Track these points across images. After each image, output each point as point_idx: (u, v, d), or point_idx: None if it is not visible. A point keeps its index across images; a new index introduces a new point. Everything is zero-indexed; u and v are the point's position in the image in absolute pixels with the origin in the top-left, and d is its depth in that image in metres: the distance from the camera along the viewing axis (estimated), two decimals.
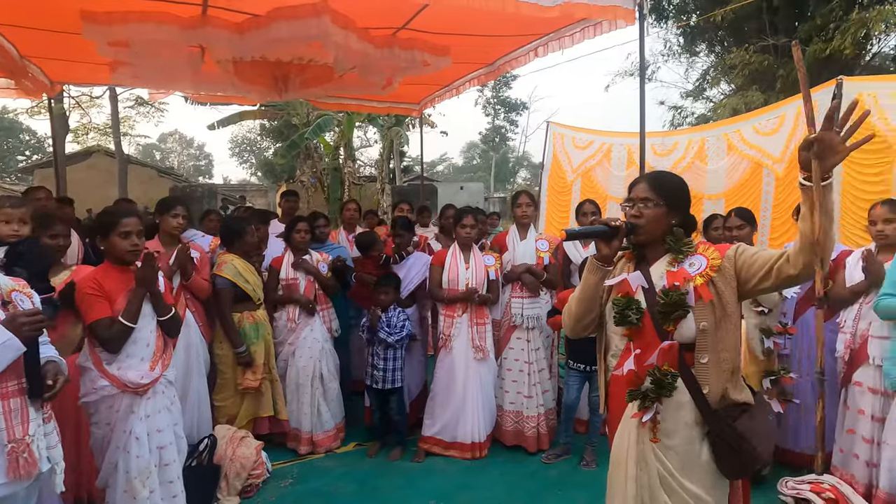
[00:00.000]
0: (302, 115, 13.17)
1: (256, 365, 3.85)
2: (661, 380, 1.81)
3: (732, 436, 1.77)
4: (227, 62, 4.06)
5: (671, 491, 1.83)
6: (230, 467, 3.43)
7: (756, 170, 8.98)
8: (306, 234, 4.26)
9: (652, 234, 1.94)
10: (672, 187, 1.96)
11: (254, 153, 43.93)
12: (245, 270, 3.88)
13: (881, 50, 13.77)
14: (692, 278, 1.84)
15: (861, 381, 3.25)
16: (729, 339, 1.84)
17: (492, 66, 5.55)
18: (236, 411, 3.89)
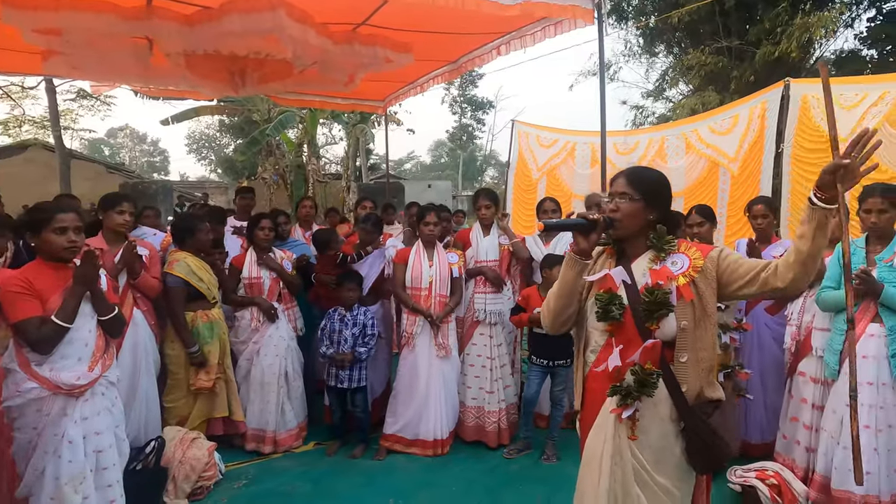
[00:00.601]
0: (263, 111, 12.93)
1: (210, 365, 3.78)
2: (645, 379, 1.83)
3: (707, 432, 1.81)
4: (178, 55, 3.94)
5: (643, 484, 1.87)
6: (179, 470, 3.35)
7: (713, 168, 9.24)
8: (270, 232, 4.21)
9: (629, 228, 1.94)
10: (650, 182, 1.97)
11: (213, 150, 42.69)
12: (198, 268, 3.81)
13: (823, 54, 14.33)
14: (675, 277, 1.86)
15: (805, 372, 3.41)
16: (707, 339, 1.87)
17: (455, 64, 5.57)
18: (188, 412, 3.81)
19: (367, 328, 4.08)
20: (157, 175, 48.47)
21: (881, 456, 2.91)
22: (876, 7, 13.87)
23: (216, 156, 40.08)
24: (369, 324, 4.09)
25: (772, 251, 3.90)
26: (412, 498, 3.48)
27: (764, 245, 3.96)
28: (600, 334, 1.98)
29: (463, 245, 4.44)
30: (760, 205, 4.02)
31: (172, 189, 14.73)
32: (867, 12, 13.97)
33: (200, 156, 44.91)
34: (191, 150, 44.97)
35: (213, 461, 3.56)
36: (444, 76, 5.90)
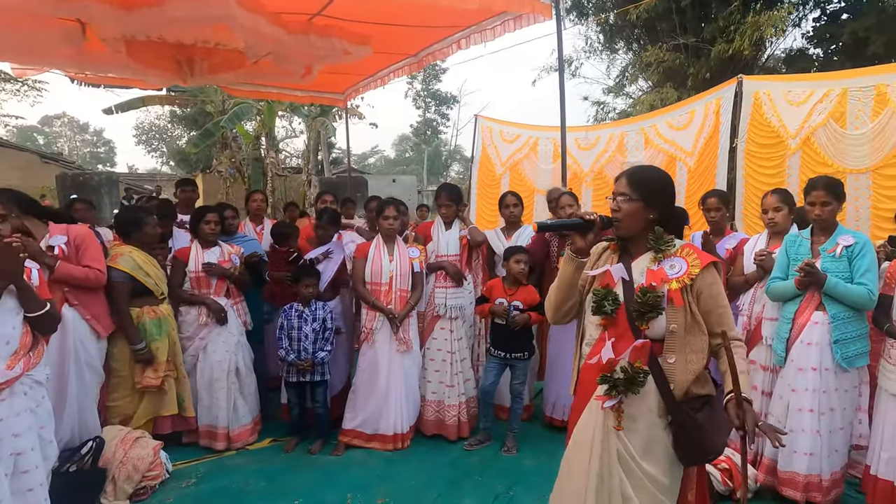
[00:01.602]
0: (216, 102, 12.53)
1: (159, 362, 3.67)
2: (633, 377, 1.88)
3: (693, 426, 1.85)
4: (117, 41, 3.75)
5: (629, 471, 1.92)
6: (120, 470, 3.25)
7: (670, 163, 9.44)
8: (216, 226, 4.09)
9: (630, 228, 1.99)
10: (650, 183, 1.99)
11: (164, 141, 41.29)
12: (145, 263, 3.68)
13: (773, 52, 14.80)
14: (669, 281, 1.90)
15: (755, 360, 3.51)
16: (698, 343, 1.90)
17: (416, 57, 5.53)
18: (132, 411, 3.69)
19: (327, 322, 4.02)
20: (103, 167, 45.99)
21: (823, 438, 3.04)
22: (820, 8, 14.37)
23: (168, 148, 38.73)
24: (328, 318, 4.04)
25: (725, 244, 4.01)
26: (371, 492, 3.45)
27: (718, 237, 4.06)
28: (595, 328, 2.04)
29: (424, 239, 4.42)
30: (713, 198, 4.12)
31: (119, 181, 14.06)
32: (813, 12, 14.47)
33: (151, 147, 43.27)
34: (140, 142, 43.15)
35: (159, 460, 3.45)
36: (405, 69, 5.86)
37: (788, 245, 3.30)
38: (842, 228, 3.16)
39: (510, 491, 3.46)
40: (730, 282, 3.87)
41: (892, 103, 6.99)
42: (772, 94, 8.12)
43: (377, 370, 4.01)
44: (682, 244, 1.99)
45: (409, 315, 4.09)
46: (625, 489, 1.91)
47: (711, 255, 1.99)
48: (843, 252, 3.04)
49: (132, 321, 3.62)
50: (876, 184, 7.22)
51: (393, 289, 4.02)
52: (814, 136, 7.67)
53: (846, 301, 2.99)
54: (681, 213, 2.61)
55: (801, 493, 3.07)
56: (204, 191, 14.39)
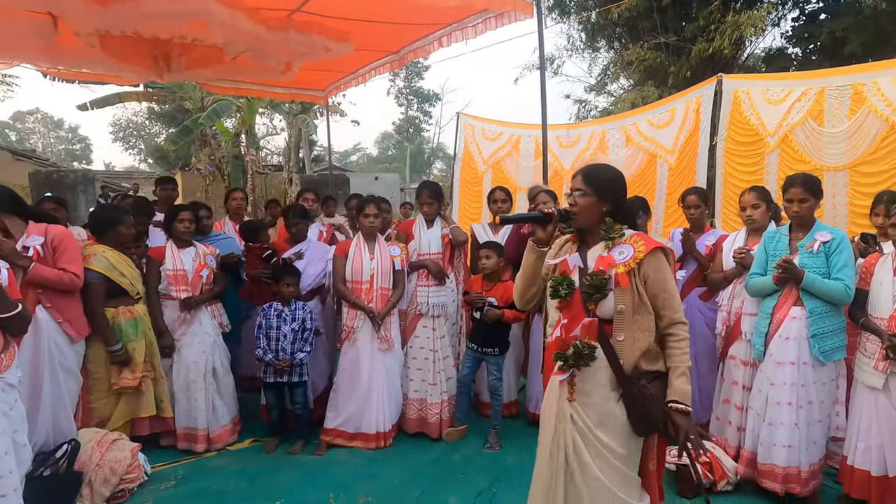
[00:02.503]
0: (195, 98, 12.31)
1: (136, 363, 3.60)
2: (581, 351, 2.06)
3: (642, 398, 2.01)
4: (91, 35, 3.66)
5: (586, 440, 2.09)
6: (96, 473, 3.18)
7: (651, 161, 9.52)
8: (190, 225, 4.03)
9: (586, 220, 2.16)
10: (602, 179, 2.17)
11: (142, 138, 40.52)
12: (119, 263, 3.61)
13: (753, 51, 15.00)
14: (616, 265, 2.07)
15: (735, 355, 3.55)
16: (644, 323, 2.06)
17: (397, 55, 5.49)
18: (109, 413, 3.62)
19: (306, 323, 3.98)
20: (78, 164, 45.13)
21: (801, 430, 3.08)
22: (799, 7, 14.58)
23: (146, 145, 38.03)
24: (308, 318, 4.00)
25: (704, 240, 4.05)
26: (353, 491, 3.43)
27: (697, 234, 4.10)
28: (555, 311, 2.23)
29: (406, 237, 4.40)
30: (693, 195, 4.16)
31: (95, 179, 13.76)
32: (791, 12, 14.68)
33: (128, 144, 42.46)
34: (117, 139, 42.40)
35: (137, 462, 3.40)
36: (387, 67, 5.82)
37: (767, 241, 3.34)
38: (819, 224, 3.21)
39: (493, 487, 3.46)
40: (709, 278, 3.92)
41: (868, 102, 7.11)
42: (751, 93, 8.22)
43: (359, 369, 3.98)
44: (632, 233, 2.16)
45: (391, 313, 4.06)
46: (582, 456, 2.08)
47: (657, 242, 2.13)
48: (821, 248, 3.08)
49: (107, 322, 3.55)
50: (853, 181, 7.34)
51: (374, 287, 3.99)
52: (792, 135, 7.78)
53: (823, 296, 3.03)
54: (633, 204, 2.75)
55: (780, 484, 3.11)
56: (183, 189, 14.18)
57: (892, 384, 2.97)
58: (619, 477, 2.06)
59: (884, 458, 3.00)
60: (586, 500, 2.08)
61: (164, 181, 5.34)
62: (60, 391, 3.28)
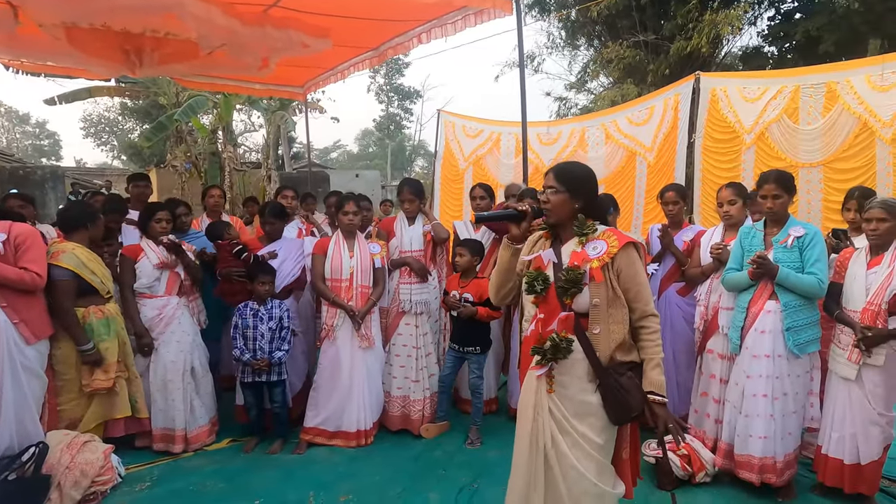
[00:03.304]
0: (170, 94, 12.06)
1: (108, 363, 3.52)
2: (558, 344, 2.13)
3: (618, 388, 2.08)
4: (57, 27, 3.55)
5: (564, 431, 2.16)
6: (66, 476, 3.10)
7: (630, 158, 9.60)
8: (168, 224, 3.96)
9: (559, 216, 2.22)
10: (574, 177, 2.23)
11: (115, 134, 39.44)
12: (90, 261, 3.52)
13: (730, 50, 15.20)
14: (590, 260, 2.13)
15: (713, 349, 3.59)
16: (619, 316, 2.13)
17: (377, 51, 5.46)
18: (80, 414, 3.54)
19: (283, 321, 3.94)
20: (47, 161, 43.34)
21: (777, 421, 3.13)
22: (775, 7, 14.81)
23: (119, 141, 37.00)
24: (285, 317, 3.95)
25: (682, 236, 4.09)
26: (334, 490, 3.40)
27: (676, 230, 4.14)
28: (531, 306, 2.29)
29: (387, 235, 4.37)
30: (671, 192, 4.19)
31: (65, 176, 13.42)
32: (768, 11, 14.91)
33: (100, 141, 41.25)
34: (88, 135, 41.04)
35: (110, 464, 3.33)
36: (366, 63, 5.77)
37: (743, 237, 3.38)
38: (793, 220, 3.26)
39: (474, 483, 3.46)
40: (687, 273, 3.96)
41: (841, 100, 7.26)
42: (728, 91, 8.33)
43: (339, 367, 3.95)
44: (604, 229, 2.22)
45: (371, 311, 4.04)
46: (560, 447, 2.15)
47: (629, 237, 2.19)
48: (795, 243, 3.13)
49: (77, 321, 3.45)
50: (827, 177, 7.48)
51: (354, 285, 3.96)
52: (768, 132, 7.91)
53: (797, 290, 3.08)
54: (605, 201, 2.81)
55: (756, 474, 3.16)
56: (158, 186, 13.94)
57: (864, 375, 3.04)
58: (595, 465, 2.13)
59: (856, 447, 3.07)
60: (563, 488, 2.15)
61: (136, 178, 5.21)
62: (24, 393, 3.16)
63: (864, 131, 7.11)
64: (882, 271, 3.02)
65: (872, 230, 3.06)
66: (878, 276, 3.02)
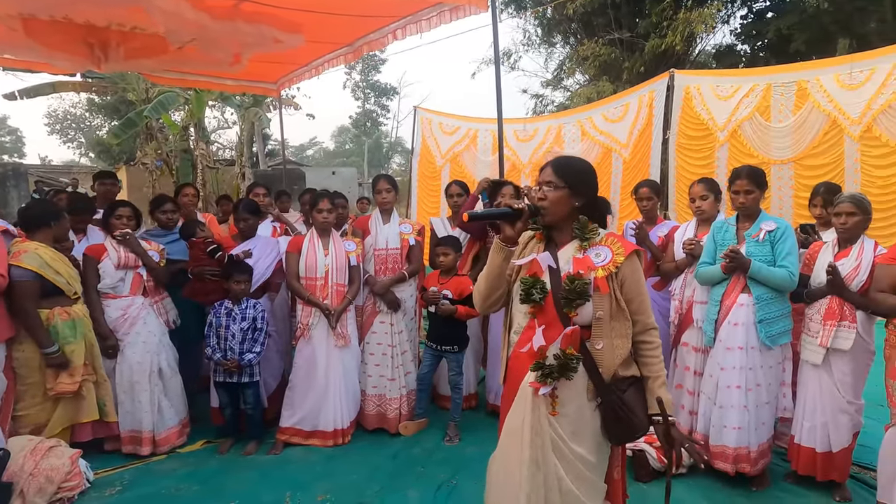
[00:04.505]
0: (139, 89, 11.75)
1: (74, 366, 3.42)
2: (566, 363, 1.92)
3: (621, 407, 1.93)
4: (13, 19, 3.42)
5: (561, 455, 1.97)
6: (30, 483, 3.01)
7: (606, 154, 9.69)
8: (129, 221, 3.85)
9: (556, 215, 2.00)
10: (575, 171, 2.02)
11: (82, 131, 38.41)
12: (54, 260, 3.40)
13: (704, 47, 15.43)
14: (595, 269, 1.95)
15: (687, 342, 3.63)
16: (623, 329, 1.96)
17: (351, 47, 5.41)
18: (45, 419, 3.43)
19: (257, 322, 3.88)
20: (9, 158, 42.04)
21: (750, 412, 3.18)
22: (747, 6, 15.05)
23: (86, 138, 35.94)
24: (259, 317, 3.89)
25: (657, 231, 4.13)
26: (311, 490, 3.35)
27: (650, 226, 4.18)
28: (523, 316, 2.06)
29: (362, 233, 4.33)
30: (645, 188, 4.23)
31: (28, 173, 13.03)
32: (740, 10, 15.15)
33: (66, 137, 40.12)
34: (53, 131, 39.98)
35: (77, 469, 3.24)
36: (341, 59, 5.72)
37: (715, 231, 3.42)
38: (765, 215, 3.31)
39: (453, 480, 3.45)
40: (661, 268, 4.00)
41: (812, 98, 7.42)
42: (701, 89, 8.46)
43: (315, 366, 3.91)
44: (606, 233, 2.04)
45: (347, 309, 4.00)
46: (558, 471, 1.97)
47: (634, 244, 2.04)
48: (766, 237, 3.18)
49: (41, 323, 3.34)
50: (797, 173, 7.65)
51: (329, 283, 3.91)
52: (740, 129, 8.05)
53: (769, 283, 3.13)
54: (604, 202, 2.70)
55: (731, 464, 3.20)
56: (128, 184, 13.65)
57: (833, 363, 3.11)
58: (590, 487, 2.00)
59: (827, 435, 3.14)
60: None
61: (103, 176, 5.06)
62: None
63: (834, 128, 7.28)
64: (849, 263, 3.10)
65: (842, 224, 3.12)
66: (846, 267, 3.09)
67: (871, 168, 6.94)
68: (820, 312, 3.15)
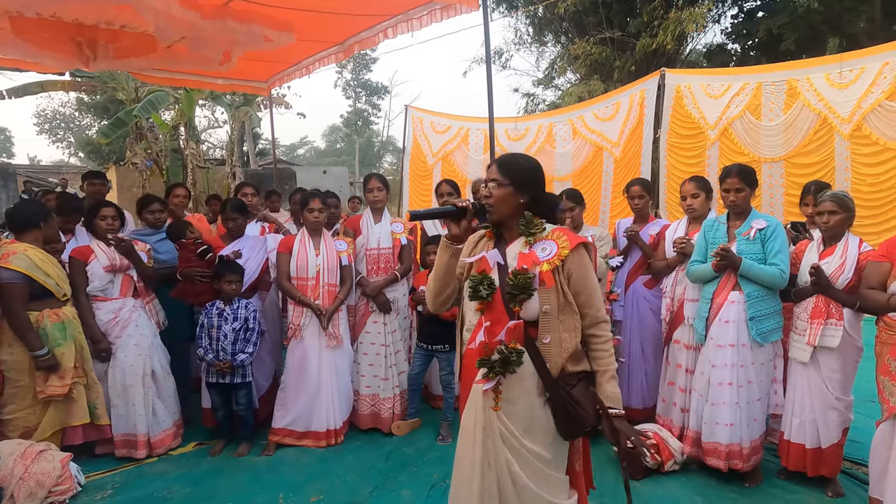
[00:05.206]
0: (129, 89, 11.63)
1: (65, 369, 3.38)
2: (508, 356, 1.93)
3: (570, 402, 1.92)
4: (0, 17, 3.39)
5: (515, 452, 1.96)
6: (20, 487, 2.98)
7: (597, 153, 9.72)
8: (114, 221, 3.81)
9: (502, 213, 2.02)
10: (519, 168, 2.04)
11: (71, 131, 37.96)
12: (43, 262, 3.36)
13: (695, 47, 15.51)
14: (540, 263, 1.96)
15: (679, 340, 3.66)
16: (570, 322, 1.96)
17: (342, 46, 5.39)
18: (35, 423, 3.39)
19: (249, 322, 3.85)
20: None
21: (742, 409, 3.19)
22: (738, 5, 15.13)
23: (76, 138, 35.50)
24: (251, 317, 3.86)
25: (649, 229, 4.14)
26: (303, 491, 3.34)
27: (642, 224, 4.19)
28: (473, 313, 2.06)
29: (354, 233, 4.31)
30: (637, 186, 4.24)
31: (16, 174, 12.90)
32: (731, 9, 15.23)
33: (55, 137, 39.59)
34: (42, 131, 39.45)
35: (68, 473, 3.21)
36: (332, 58, 5.69)
37: (706, 230, 3.44)
38: (755, 213, 3.32)
39: (446, 479, 3.43)
40: (653, 266, 4.02)
41: (802, 97, 7.47)
42: (692, 88, 8.50)
43: (307, 366, 3.89)
44: (553, 228, 2.05)
45: (339, 310, 3.99)
46: (511, 467, 1.97)
47: (581, 238, 2.03)
48: (757, 235, 3.20)
49: (30, 325, 3.30)
50: (788, 171, 7.70)
51: (320, 283, 3.89)
52: (731, 128, 8.10)
53: (760, 281, 3.15)
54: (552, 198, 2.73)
55: (723, 461, 3.22)
56: (118, 184, 13.52)
57: (821, 360, 3.13)
58: (548, 482, 1.99)
59: (817, 431, 3.16)
60: None
61: (92, 176, 5.00)
62: None
63: (824, 127, 7.34)
64: (834, 261, 3.11)
65: (825, 222, 3.15)
66: (830, 265, 3.11)
67: (862, 166, 7.00)
68: (807, 311, 3.17)
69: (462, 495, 2.06)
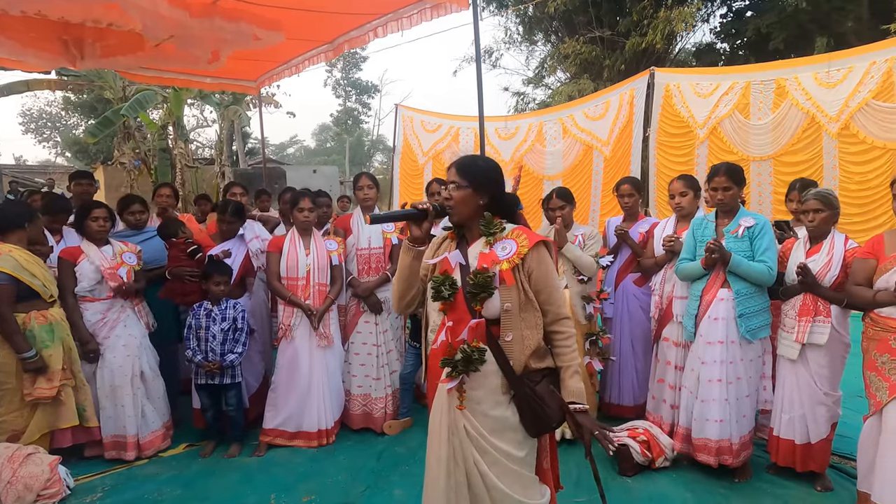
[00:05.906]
0: (116, 88, 11.52)
1: (52, 371, 3.33)
2: (470, 356, 1.93)
3: (534, 399, 1.94)
4: None
5: (482, 451, 1.97)
6: (8, 491, 2.95)
7: (587, 152, 9.76)
8: (105, 223, 3.76)
9: (462, 214, 2.05)
10: (478, 170, 2.07)
11: (58, 130, 37.45)
12: (29, 263, 3.32)
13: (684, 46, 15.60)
14: (500, 262, 1.98)
15: (668, 337, 3.68)
16: (532, 320, 1.98)
17: (332, 45, 5.37)
18: (23, 425, 3.34)
19: (238, 322, 3.83)
20: None
21: (731, 405, 3.21)
22: (727, 5, 15.23)
23: (63, 137, 35.05)
24: (239, 318, 3.84)
25: (638, 228, 4.16)
26: (295, 491, 3.33)
27: (632, 222, 4.20)
28: (437, 314, 2.08)
29: (344, 232, 4.29)
30: (627, 184, 4.25)
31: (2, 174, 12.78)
32: (720, 9, 15.33)
33: (42, 137, 39.00)
34: (28, 130, 38.72)
35: (57, 476, 3.18)
36: (321, 57, 5.67)
37: (695, 228, 3.45)
38: (743, 211, 3.35)
39: None
40: (642, 264, 4.04)
41: (790, 96, 7.54)
42: (681, 87, 8.55)
43: (297, 366, 3.87)
44: (513, 227, 2.07)
45: (329, 309, 3.97)
46: (480, 467, 1.97)
47: (540, 236, 2.06)
48: (745, 232, 3.22)
49: (17, 327, 3.25)
50: (777, 170, 7.77)
51: (311, 283, 3.88)
52: (720, 126, 8.16)
53: (749, 277, 3.17)
54: (512, 198, 2.73)
55: (713, 457, 3.24)
56: (106, 184, 13.42)
57: (809, 356, 3.15)
58: (518, 480, 1.99)
59: (806, 427, 3.19)
60: None
61: (79, 176, 4.94)
62: None
63: (812, 126, 7.41)
64: (820, 259, 3.14)
65: (810, 221, 3.17)
66: (817, 263, 3.13)
67: (849, 164, 7.08)
68: (795, 309, 3.19)
69: (431, 495, 2.07)
